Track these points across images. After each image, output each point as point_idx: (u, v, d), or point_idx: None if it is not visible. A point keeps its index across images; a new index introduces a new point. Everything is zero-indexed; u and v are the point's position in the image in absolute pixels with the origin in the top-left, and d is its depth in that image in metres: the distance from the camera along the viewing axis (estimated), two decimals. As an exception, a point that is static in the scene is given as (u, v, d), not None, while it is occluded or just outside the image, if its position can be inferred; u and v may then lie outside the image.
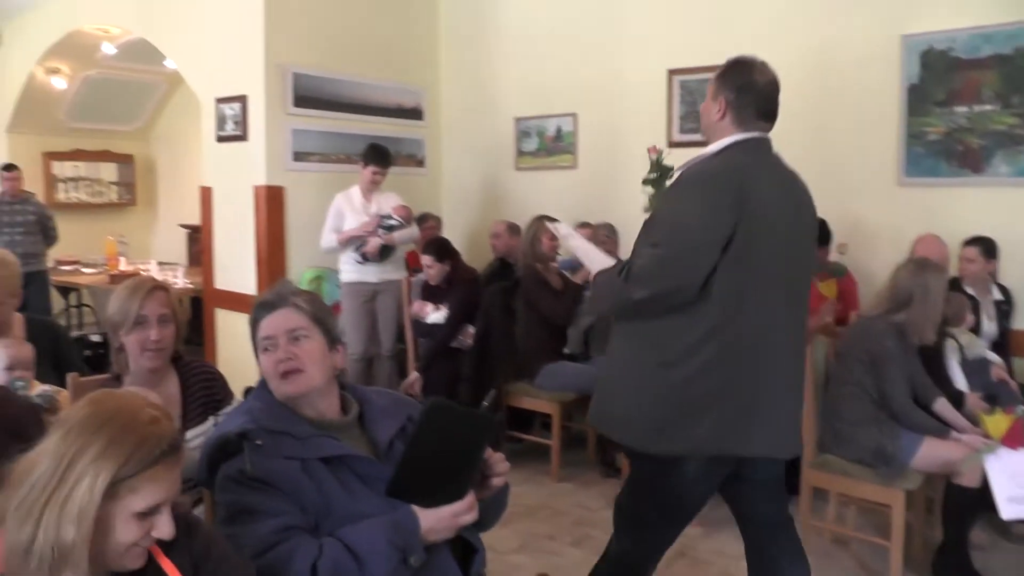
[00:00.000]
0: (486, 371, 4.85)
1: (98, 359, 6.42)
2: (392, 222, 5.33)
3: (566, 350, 4.97)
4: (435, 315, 5.14)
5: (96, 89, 8.72)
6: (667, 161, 4.07)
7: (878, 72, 4.86)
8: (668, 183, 2.96)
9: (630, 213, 5.34)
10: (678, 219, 2.31)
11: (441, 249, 5.19)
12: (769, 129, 2.47)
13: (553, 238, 4.89)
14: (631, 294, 2.33)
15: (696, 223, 2.29)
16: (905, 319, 3.47)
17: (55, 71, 8.27)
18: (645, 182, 4.09)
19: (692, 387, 2.34)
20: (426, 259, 5.17)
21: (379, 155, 5.42)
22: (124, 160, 9.62)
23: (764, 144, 2.46)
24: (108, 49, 7.89)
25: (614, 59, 5.95)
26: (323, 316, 2.08)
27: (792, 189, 2.47)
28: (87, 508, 1.36)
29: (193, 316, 7.05)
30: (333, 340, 2.08)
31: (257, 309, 2.08)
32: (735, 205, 2.28)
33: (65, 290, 8.18)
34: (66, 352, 3.04)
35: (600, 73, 6.02)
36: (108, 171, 9.52)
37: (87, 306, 8.48)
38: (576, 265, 5.03)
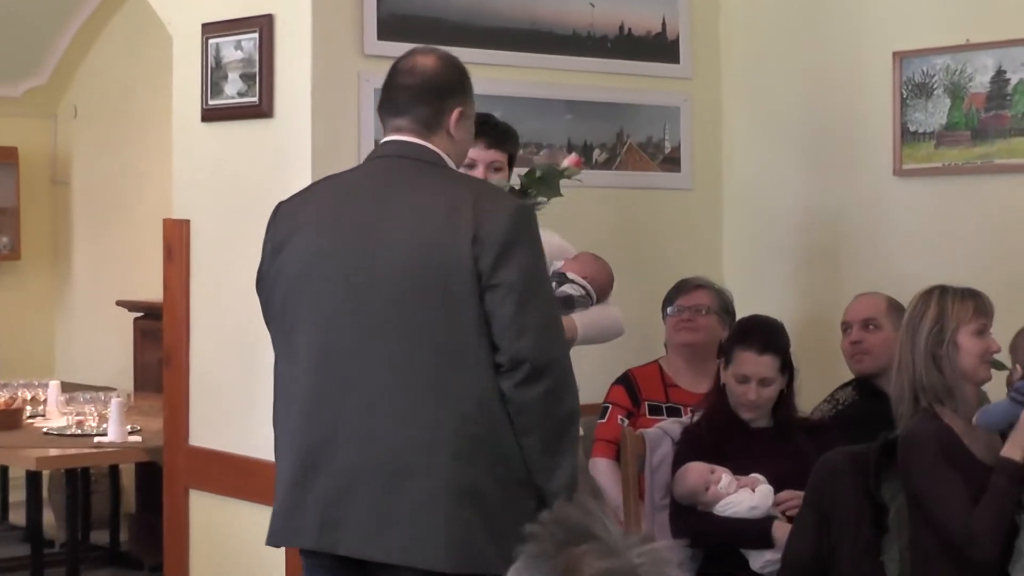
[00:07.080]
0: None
1: None
2: (571, 291, 5.53)
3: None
4: (745, 497, 5.32)
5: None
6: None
7: None
8: None
9: None
10: None
11: (778, 336, 5.54)
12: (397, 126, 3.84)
13: (981, 331, 4.84)
14: None
15: None
16: None
17: None
18: None
19: None
20: (751, 359, 5.33)
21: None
22: (-3, 160, 9.63)
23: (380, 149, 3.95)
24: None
25: None
26: None
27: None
28: None
29: (142, 503, 7.92)
30: None
31: None
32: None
33: None
34: None
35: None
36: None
37: None
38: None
